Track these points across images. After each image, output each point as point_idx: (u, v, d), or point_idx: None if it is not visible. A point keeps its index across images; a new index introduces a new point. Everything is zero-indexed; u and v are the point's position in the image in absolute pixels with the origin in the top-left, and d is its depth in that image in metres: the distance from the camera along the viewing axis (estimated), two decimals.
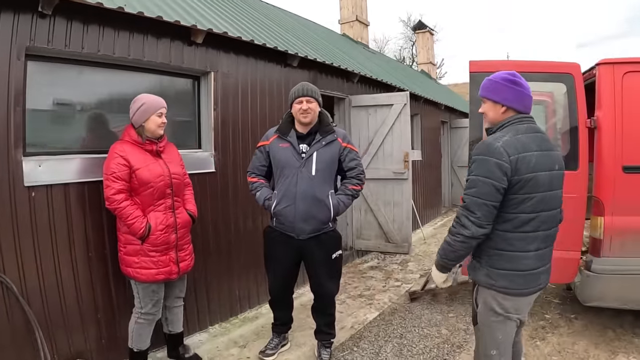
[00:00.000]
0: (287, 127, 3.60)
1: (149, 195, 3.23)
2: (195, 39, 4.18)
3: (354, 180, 3.64)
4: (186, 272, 3.53)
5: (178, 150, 3.64)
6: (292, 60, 5.57)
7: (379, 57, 13.96)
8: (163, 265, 3.29)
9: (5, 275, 2.95)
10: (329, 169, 3.56)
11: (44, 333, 3.09)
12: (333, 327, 3.86)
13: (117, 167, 3.14)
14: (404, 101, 6.87)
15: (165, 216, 3.31)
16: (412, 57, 33.71)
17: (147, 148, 3.29)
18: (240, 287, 4.84)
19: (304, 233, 3.50)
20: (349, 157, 3.62)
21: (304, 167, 3.47)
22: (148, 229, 3.19)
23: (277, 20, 7.81)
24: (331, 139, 3.57)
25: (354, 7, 12.87)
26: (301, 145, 3.54)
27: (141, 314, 3.34)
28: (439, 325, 4.52)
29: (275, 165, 3.60)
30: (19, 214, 3.04)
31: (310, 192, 3.45)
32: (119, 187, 3.13)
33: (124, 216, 3.14)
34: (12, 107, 3.00)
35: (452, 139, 12.99)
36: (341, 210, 3.60)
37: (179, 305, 3.68)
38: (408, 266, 6.89)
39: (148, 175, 3.21)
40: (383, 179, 7.08)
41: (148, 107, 3.27)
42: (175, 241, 3.37)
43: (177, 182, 3.41)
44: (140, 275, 3.23)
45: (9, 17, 2.97)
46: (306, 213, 3.46)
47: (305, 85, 3.55)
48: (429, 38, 18.56)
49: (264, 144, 3.68)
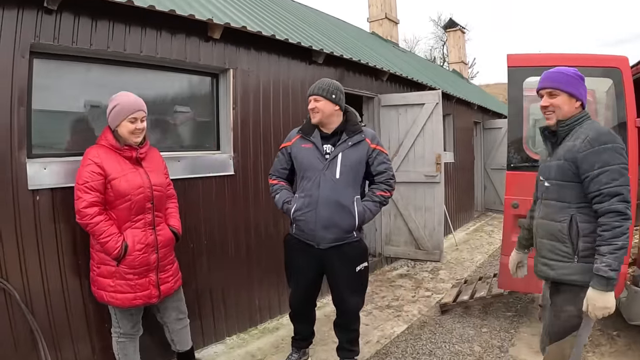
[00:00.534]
0: (311, 127, 3.34)
1: (126, 210, 2.88)
2: (212, 34, 3.97)
3: (382, 186, 3.33)
4: (168, 295, 3.16)
5: (162, 156, 3.30)
6: (318, 57, 5.32)
7: (409, 55, 13.65)
8: (141, 289, 2.94)
9: (7, 281, 2.80)
10: (355, 172, 3.27)
11: (48, 342, 2.96)
12: (357, 344, 3.57)
13: (91, 176, 2.79)
14: (435, 100, 6.58)
15: (145, 234, 2.95)
16: (443, 57, 33.26)
17: (126, 154, 2.93)
18: (261, 296, 4.61)
19: (325, 242, 3.23)
20: (378, 160, 3.32)
21: (327, 169, 3.20)
22: (124, 248, 2.84)
23: (300, 15, 7.60)
24: (358, 139, 3.28)
25: (383, 4, 12.59)
26: (325, 145, 3.28)
27: (120, 334, 3.10)
28: (471, 342, 4.21)
29: (298, 167, 3.36)
30: (23, 219, 2.89)
31: (334, 196, 3.18)
32: (92, 199, 2.78)
33: (97, 233, 2.79)
34: (16, 107, 2.85)
35: (485, 141, 12.56)
36: (367, 218, 3.31)
37: (184, 327, 3.38)
38: (439, 274, 6.57)
39: (126, 187, 2.85)
40: (414, 182, 6.80)
41: (120, 109, 2.89)
42: (157, 262, 3.01)
43: (159, 194, 3.06)
44: (115, 300, 2.90)
45: (13, 13, 2.82)
46: (328, 220, 3.18)
47: (318, 84, 3.30)
48: (460, 36, 18.13)
49: (286, 145, 3.46)
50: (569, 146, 2.37)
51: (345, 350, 3.53)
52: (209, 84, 4.32)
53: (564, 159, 2.38)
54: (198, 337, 3.94)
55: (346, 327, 3.50)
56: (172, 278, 3.16)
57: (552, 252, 2.47)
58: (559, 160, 2.41)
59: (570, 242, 2.38)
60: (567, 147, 2.38)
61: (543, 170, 2.59)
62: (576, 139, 2.35)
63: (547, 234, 2.49)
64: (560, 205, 2.43)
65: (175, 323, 3.31)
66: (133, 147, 2.97)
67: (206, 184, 4.05)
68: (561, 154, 2.42)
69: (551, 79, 2.44)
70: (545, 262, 2.51)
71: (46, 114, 3.19)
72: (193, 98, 4.25)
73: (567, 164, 2.37)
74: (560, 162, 2.41)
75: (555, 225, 2.43)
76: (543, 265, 2.53)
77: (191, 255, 3.88)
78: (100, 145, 2.94)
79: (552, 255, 2.47)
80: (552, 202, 2.48)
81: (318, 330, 3.90)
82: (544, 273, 2.54)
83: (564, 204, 2.42)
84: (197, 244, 3.95)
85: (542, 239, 2.54)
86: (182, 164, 3.81)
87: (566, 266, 2.41)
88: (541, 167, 2.63)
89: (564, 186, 2.41)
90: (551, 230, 2.46)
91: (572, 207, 2.39)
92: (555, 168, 2.44)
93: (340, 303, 3.44)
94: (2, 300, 2.79)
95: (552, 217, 2.46)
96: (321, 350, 4.01)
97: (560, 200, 2.43)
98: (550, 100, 2.44)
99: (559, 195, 2.44)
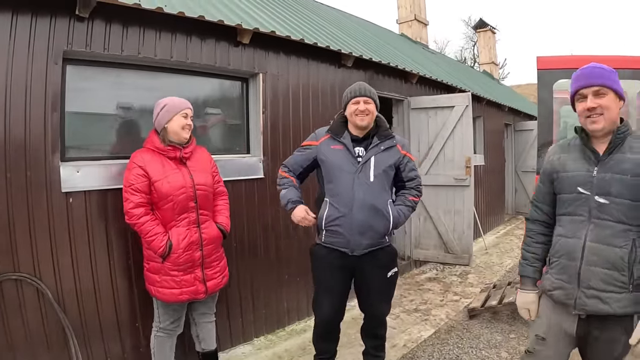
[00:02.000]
0: (341, 129, 3.22)
1: (170, 210, 2.98)
2: (241, 39, 4.01)
3: (413, 192, 3.29)
4: (215, 292, 3.25)
5: (210, 155, 3.37)
6: (347, 60, 5.31)
7: (439, 57, 13.53)
8: (187, 284, 3.03)
9: (41, 280, 2.90)
10: (387, 176, 3.19)
11: (80, 340, 3.05)
12: (382, 350, 3.50)
13: (136, 179, 2.93)
14: (465, 102, 6.51)
15: (189, 232, 3.03)
16: (473, 57, 32.84)
17: (170, 155, 3.04)
18: (289, 298, 4.63)
19: (360, 248, 3.10)
20: (409, 167, 3.27)
21: (360, 172, 3.09)
22: (169, 247, 2.94)
23: (329, 18, 7.61)
24: (390, 144, 3.20)
25: (412, 6, 12.51)
26: (356, 148, 3.17)
27: (160, 328, 3.17)
28: (498, 347, 4.14)
29: (326, 169, 3.19)
30: (56, 220, 2.98)
31: (369, 200, 3.06)
32: (138, 200, 2.92)
33: (143, 232, 2.93)
34: (50, 112, 2.94)
35: (517, 143, 12.34)
36: (401, 222, 3.23)
37: (210, 321, 3.40)
38: (468, 278, 6.48)
39: (167, 188, 2.96)
40: (443, 185, 6.74)
41: (171, 107, 3.05)
42: (201, 259, 3.08)
43: (203, 193, 3.12)
44: (162, 295, 3.01)
45: (46, 21, 2.91)
46: (364, 224, 3.06)
47: (363, 85, 3.18)
48: (491, 37, 17.86)
49: (311, 143, 3.28)
50: (637, 160, 2.04)
51: (370, 355, 3.47)
52: (238, 88, 4.37)
53: (632, 174, 2.03)
54: (226, 337, 3.99)
55: (373, 334, 3.43)
56: (219, 274, 3.22)
57: (606, 282, 2.06)
58: (624, 176, 2.04)
59: (628, 270, 2.03)
60: (633, 161, 2.04)
61: (587, 182, 2.14)
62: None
63: (603, 261, 2.06)
64: (621, 227, 2.05)
65: (202, 316, 3.35)
66: (177, 147, 3.05)
67: (236, 187, 4.08)
68: (626, 168, 2.05)
69: (598, 75, 2.09)
70: (596, 294, 2.07)
71: (79, 118, 3.28)
72: (223, 102, 4.31)
73: (638, 180, 2.02)
74: (626, 177, 2.04)
75: (616, 252, 2.03)
76: (591, 298, 2.09)
77: None
78: (145, 149, 3.07)
79: (606, 286, 2.06)
80: (611, 223, 2.06)
81: (344, 333, 3.83)
82: (592, 307, 2.09)
83: (625, 226, 2.04)
84: (227, 246, 3.95)
85: (592, 266, 2.08)
86: None
87: (622, 298, 2.04)
88: (580, 177, 2.18)
89: (632, 207, 2.03)
90: (609, 257, 2.04)
91: (632, 229, 2.03)
92: (619, 184, 2.05)
93: (369, 309, 3.35)
94: (35, 298, 2.89)
95: (610, 241, 2.05)
96: (347, 353, 4.00)
97: (624, 222, 2.05)
98: (598, 101, 2.07)
99: (624, 216, 2.04)
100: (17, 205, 2.81)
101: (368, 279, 3.22)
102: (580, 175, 2.17)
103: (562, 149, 2.32)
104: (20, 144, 2.82)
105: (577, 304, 2.12)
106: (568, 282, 2.16)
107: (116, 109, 3.50)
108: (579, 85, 2.12)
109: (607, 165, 2.09)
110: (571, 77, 2.20)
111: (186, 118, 3.07)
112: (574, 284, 2.13)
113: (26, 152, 2.84)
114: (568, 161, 2.23)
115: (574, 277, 2.14)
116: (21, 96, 2.81)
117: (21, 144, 2.82)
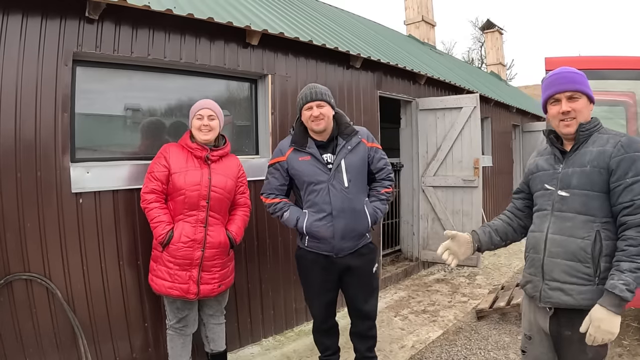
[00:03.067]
0: (303, 137, 3.14)
1: (181, 203, 3.03)
2: (250, 40, 4.03)
3: (385, 182, 3.26)
4: (207, 297, 3.17)
5: (241, 165, 3.38)
6: (355, 62, 5.32)
7: (446, 58, 13.49)
8: (180, 281, 3.02)
9: (50, 280, 2.92)
10: (361, 176, 3.18)
11: (89, 340, 3.09)
12: (374, 350, 3.46)
13: (157, 167, 3.05)
14: (473, 104, 6.48)
15: (194, 229, 3.04)
16: (481, 58, 32.77)
17: (197, 154, 3.11)
18: (297, 299, 4.62)
19: (344, 251, 3.13)
20: (377, 158, 3.23)
21: (334, 179, 3.06)
22: (169, 237, 2.98)
23: (337, 20, 7.62)
24: (356, 141, 3.15)
25: (420, 7, 12.50)
26: (324, 155, 3.10)
27: (170, 326, 3.22)
28: (506, 349, 4.12)
29: (299, 182, 3.15)
30: (66, 220, 3.01)
31: (348, 205, 3.06)
32: (153, 186, 3.02)
33: (150, 217, 3.02)
34: (60, 113, 2.97)
35: (525, 144, 12.29)
36: (378, 217, 3.24)
37: (219, 323, 3.42)
38: (476, 280, 6.47)
39: (182, 182, 3.02)
40: (452, 186, 6.71)
41: (191, 110, 3.17)
42: (200, 259, 3.05)
43: (218, 196, 3.12)
44: (154, 285, 3.07)
45: (56, 22, 2.94)
46: (346, 229, 3.07)
47: (313, 88, 3.09)
48: (498, 38, 17.79)
49: (279, 160, 3.18)
50: (597, 152, 2.07)
51: (365, 357, 3.42)
52: (247, 89, 4.38)
53: (592, 165, 2.07)
54: (235, 338, 4.00)
55: (366, 335, 3.39)
56: (215, 281, 3.16)
57: (568, 274, 2.08)
58: (584, 167, 2.09)
59: (593, 262, 2.03)
60: (594, 153, 2.08)
61: (552, 178, 2.21)
62: (605, 144, 2.07)
63: (564, 253, 2.09)
64: (584, 219, 2.07)
65: (212, 318, 3.37)
66: (205, 147, 3.12)
67: None
68: (586, 160, 2.09)
69: (571, 79, 2.14)
70: (559, 285, 2.10)
71: (89, 120, 3.30)
72: (232, 103, 4.32)
73: (596, 170, 2.05)
74: (586, 168, 2.08)
75: (577, 243, 2.06)
76: (554, 290, 2.12)
77: None
78: (176, 143, 3.21)
79: (569, 278, 2.08)
80: (572, 214, 2.10)
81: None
82: (555, 299, 2.11)
83: (588, 217, 2.07)
84: (236, 248, 3.99)
85: (554, 258, 2.12)
86: None
87: (586, 290, 2.04)
88: (547, 174, 2.25)
89: (592, 197, 2.06)
90: (571, 249, 2.07)
91: (596, 221, 2.05)
92: (579, 176, 2.10)
93: (360, 307, 3.31)
94: (45, 298, 2.92)
95: (572, 232, 2.08)
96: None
97: (585, 213, 2.08)
98: (572, 105, 2.12)
99: (584, 207, 2.08)
100: (27, 205, 2.84)
101: (356, 277, 3.23)
102: (547, 173, 2.24)
103: (539, 152, 2.40)
104: (31, 145, 2.85)
105: (542, 296, 2.16)
106: (534, 274, 2.22)
107: (125, 110, 3.52)
108: (554, 90, 2.16)
109: (571, 161, 2.15)
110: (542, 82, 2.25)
111: (202, 119, 3.10)
112: (539, 276, 2.18)
113: (36, 152, 2.87)
114: (540, 162, 2.32)
115: (538, 270, 2.19)
116: (32, 97, 2.84)
117: (31, 145, 2.85)
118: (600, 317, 1.92)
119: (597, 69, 3.68)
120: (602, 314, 1.92)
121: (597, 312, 1.93)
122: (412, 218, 7.11)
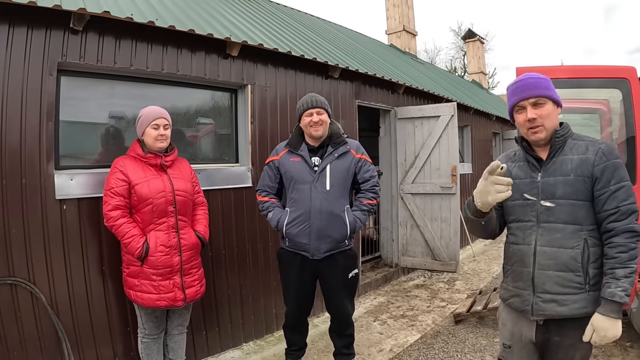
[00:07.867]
0: (298, 141, 3.43)
1: (149, 213, 3.04)
2: (230, 51, 4.14)
3: (369, 194, 3.45)
4: (194, 300, 3.28)
5: (191, 167, 3.46)
6: (334, 72, 5.44)
7: (427, 67, 13.69)
8: (165, 290, 3.05)
9: (35, 285, 2.98)
10: (344, 183, 3.38)
11: (72, 344, 3.15)
12: (352, 347, 3.67)
13: (115, 182, 3.00)
14: (451, 112, 6.64)
15: (168, 236, 3.09)
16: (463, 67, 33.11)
17: (151, 162, 3.12)
18: (277, 304, 4.70)
19: (320, 252, 3.32)
20: (364, 169, 3.44)
21: (317, 181, 3.29)
22: (146, 249, 2.99)
23: (317, 30, 7.74)
24: (344, 150, 3.39)
25: (401, 17, 12.71)
26: (313, 158, 3.37)
27: (145, 335, 3.24)
28: (483, 351, 4.24)
29: (287, 181, 3.42)
30: (50, 226, 3.08)
31: (326, 207, 3.27)
32: (116, 202, 2.98)
33: (120, 234, 2.98)
34: (44, 121, 3.05)
35: (505, 151, 12.45)
36: (358, 227, 3.42)
37: (181, 333, 3.43)
38: (455, 285, 6.60)
39: (147, 191, 3.03)
40: (430, 193, 6.85)
41: (144, 118, 3.13)
42: (180, 264, 3.12)
43: (183, 199, 3.18)
44: (141, 300, 3.05)
45: (41, 33, 3.03)
46: (322, 230, 3.28)
47: (314, 97, 3.38)
48: (480, 47, 18.15)
49: (273, 159, 3.50)
50: (579, 160, 2.05)
51: (342, 354, 3.63)
52: (227, 99, 4.48)
53: (575, 174, 2.03)
54: (215, 343, 4.08)
55: (341, 333, 3.60)
56: (197, 282, 3.26)
57: (561, 285, 2.05)
58: (567, 176, 2.05)
59: (583, 271, 2.03)
60: (576, 161, 2.05)
61: (531, 188, 2.15)
62: (585, 152, 2.05)
63: (555, 265, 2.06)
64: (573, 228, 2.05)
65: (175, 328, 3.39)
66: (158, 154, 3.14)
67: (225, 195, 4.20)
68: (568, 168, 2.06)
69: (534, 85, 2.09)
70: (552, 297, 2.06)
71: (73, 128, 3.38)
72: (212, 113, 4.42)
73: (581, 179, 2.03)
74: (569, 177, 2.05)
75: (568, 253, 2.03)
76: (547, 303, 2.08)
77: (210, 264, 4.01)
78: (127, 155, 3.17)
79: (561, 289, 2.05)
80: (562, 225, 2.06)
81: (323, 338, 3.94)
82: (551, 311, 2.08)
83: (575, 226, 2.05)
84: (216, 253, 4.09)
85: (545, 270, 2.09)
86: (202, 176, 3.94)
87: (578, 299, 2.03)
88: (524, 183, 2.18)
89: (578, 206, 2.04)
90: (562, 260, 2.04)
91: (583, 229, 2.04)
92: (563, 185, 2.06)
93: (336, 310, 3.54)
94: (30, 302, 2.98)
95: (562, 243, 2.06)
96: (325, 358, 4.10)
97: (572, 223, 2.05)
98: (538, 112, 2.07)
99: (572, 217, 2.05)
100: (12, 211, 2.91)
101: (330, 281, 3.45)
102: (524, 182, 2.18)
103: (507, 158, 2.34)
104: (16, 152, 2.92)
105: (535, 309, 2.12)
106: (523, 288, 2.17)
107: (109, 119, 3.61)
108: (518, 98, 2.12)
109: (550, 170, 2.11)
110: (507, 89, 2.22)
111: (157, 129, 3.12)
112: (529, 289, 2.14)
113: (21, 159, 2.94)
114: (513, 169, 2.24)
115: (528, 283, 2.15)
116: (17, 106, 2.92)
117: (17, 152, 2.93)
118: (606, 327, 1.93)
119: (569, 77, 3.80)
120: (606, 323, 1.93)
121: (601, 322, 1.94)
122: (392, 225, 7.23)
